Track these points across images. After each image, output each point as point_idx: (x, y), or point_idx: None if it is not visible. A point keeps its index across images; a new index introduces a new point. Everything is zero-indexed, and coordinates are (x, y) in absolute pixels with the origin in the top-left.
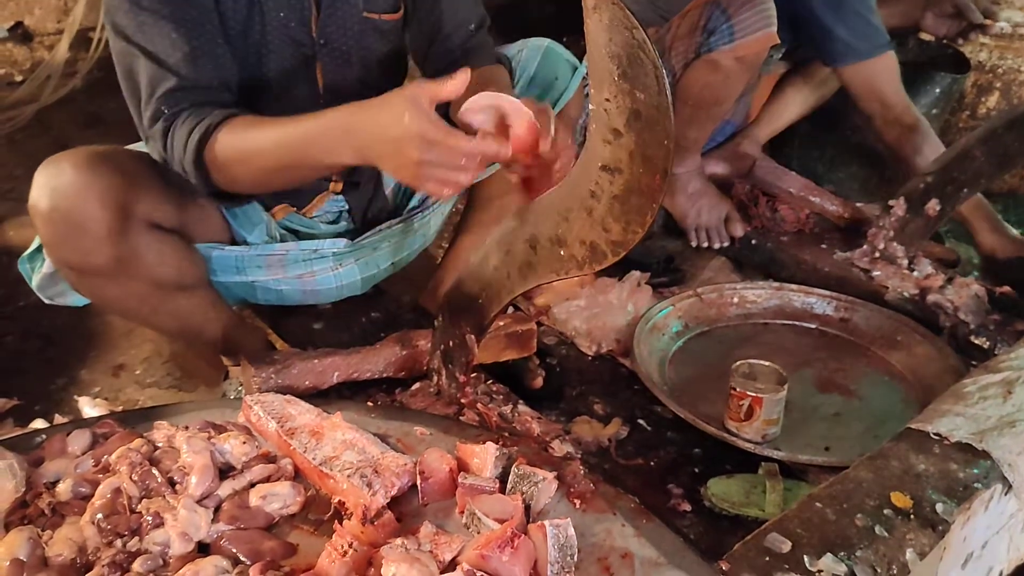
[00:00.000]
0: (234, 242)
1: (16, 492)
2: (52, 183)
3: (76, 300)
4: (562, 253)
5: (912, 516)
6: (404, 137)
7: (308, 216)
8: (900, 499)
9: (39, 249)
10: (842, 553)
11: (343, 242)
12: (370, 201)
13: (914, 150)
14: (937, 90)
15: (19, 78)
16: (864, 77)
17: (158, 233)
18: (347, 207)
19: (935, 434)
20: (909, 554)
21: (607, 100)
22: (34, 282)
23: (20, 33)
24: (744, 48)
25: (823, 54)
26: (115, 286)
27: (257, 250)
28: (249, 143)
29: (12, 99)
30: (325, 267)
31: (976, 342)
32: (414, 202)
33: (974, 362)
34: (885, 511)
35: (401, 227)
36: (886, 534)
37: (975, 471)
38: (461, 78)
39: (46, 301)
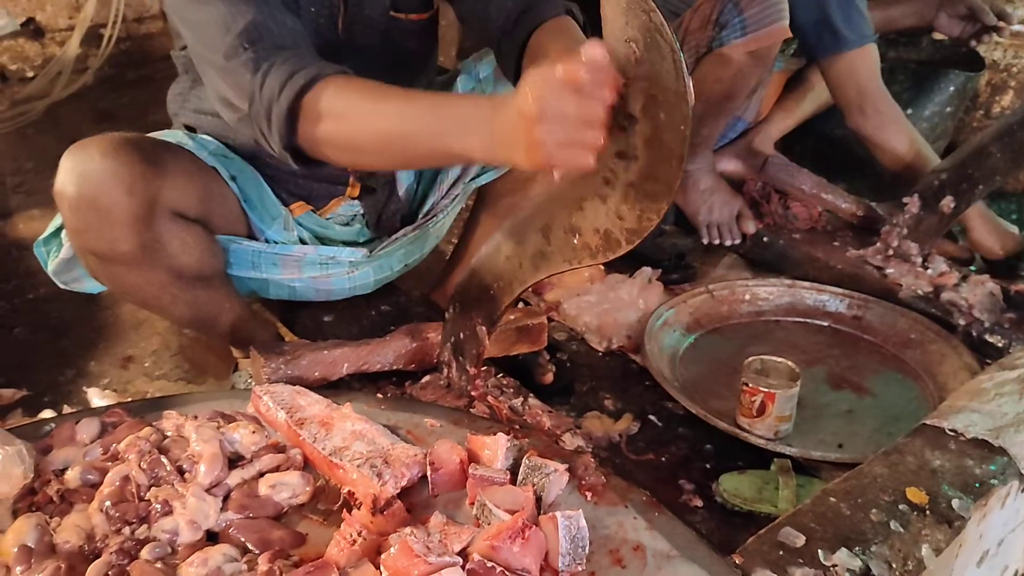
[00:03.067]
0: (252, 236)
1: (25, 479)
2: (79, 169)
3: (91, 287)
4: (576, 242)
5: (928, 512)
6: (526, 103)
7: (323, 217)
8: (916, 495)
9: (55, 233)
10: (857, 548)
11: (361, 252)
12: (384, 205)
13: (890, 140)
14: (951, 88)
15: (30, 73)
16: (846, 69)
17: (181, 222)
18: (361, 211)
19: (951, 430)
20: (925, 550)
21: (623, 85)
22: (50, 267)
23: (32, 29)
24: (756, 42)
25: (814, 47)
26: (136, 274)
27: (275, 248)
28: (361, 105)
29: (23, 94)
30: (340, 271)
31: (991, 340)
32: (428, 206)
33: (988, 360)
34: (900, 506)
35: (415, 234)
36: (901, 529)
37: (991, 467)
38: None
39: (61, 286)
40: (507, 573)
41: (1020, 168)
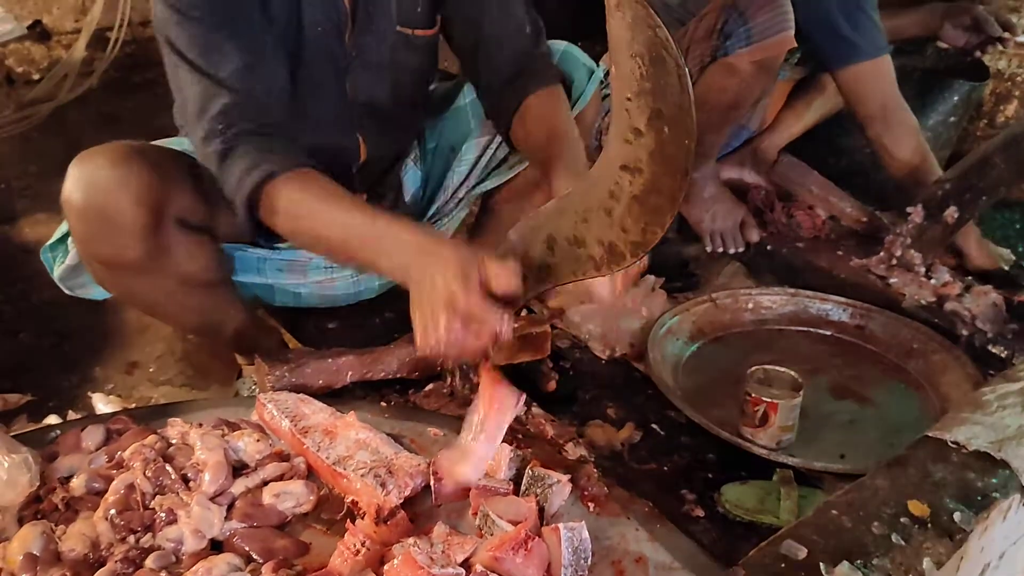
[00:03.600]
0: (257, 243)
1: (30, 486)
2: (87, 177)
3: (97, 293)
4: (580, 253)
5: (929, 524)
6: (443, 293)
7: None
8: (917, 507)
9: (61, 240)
10: (858, 561)
11: None
12: (391, 211)
13: (901, 147)
14: (955, 98)
15: (36, 76)
16: (861, 79)
17: (187, 231)
18: None
19: (953, 442)
20: (926, 563)
21: (628, 99)
22: (56, 273)
23: (38, 32)
24: (761, 51)
25: (827, 57)
26: (142, 281)
27: (280, 254)
28: (309, 212)
29: (29, 97)
30: (345, 275)
31: (994, 351)
32: (432, 210)
33: (991, 371)
34: (902, 519)
35: None
36: (903, 542)
37: (993, 480)
38: (512, 276)
39: (67, 292)
40: None
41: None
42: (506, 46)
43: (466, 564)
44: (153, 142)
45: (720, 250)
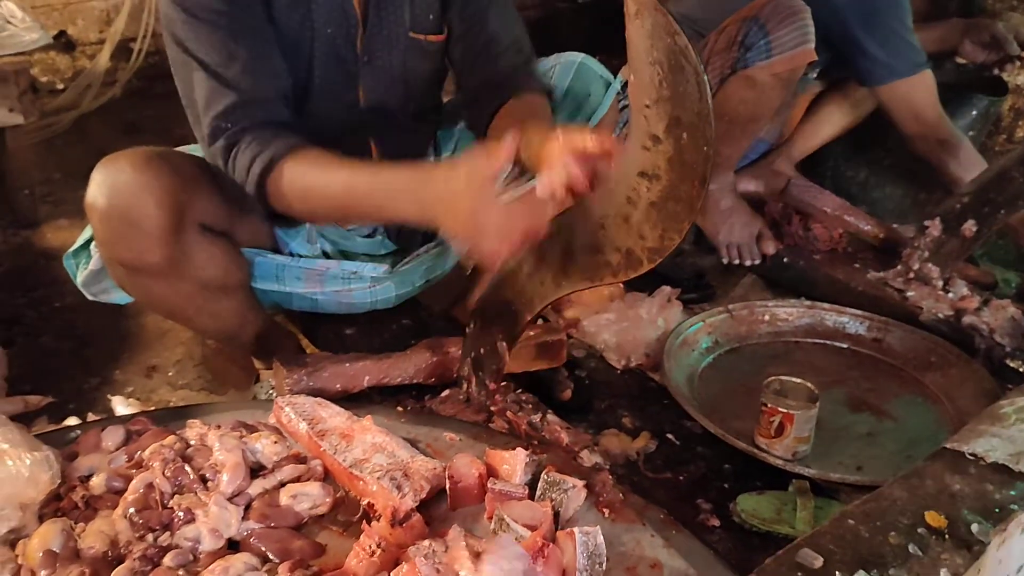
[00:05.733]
0: (276, 249)
1: (51, 484)
2: (110, 181)
3: (119, 298)
4: (597, 260)
5: (947, 536)
6: (465, 198)
7: (344, 228)
8: (935, 518)
9: (84, 246)
10: (875, 571)
11: (383, 268)
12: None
13: (957, 167)
14: (974, 112)
15: (61, 86)
16: (902, 95)
17: (209, 235)
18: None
19: (971, 454)
20: (943, 574)
21: (647, 106)
22: (78, 278)
23: (63, 42)
24: (781, 64)
25: (859, 74)
26: (163, 285)
27: (298, 262)
28: (313, 182)
29: (53, 106)
30: (362, 286)
31: (1012, 364)
32: None
33: (1009, 385)
34: (919, 530)
35: (438, 250)
36: (920, 553)
37: (1012, 492)
38: (510, 144)
39: (89, 297)
40: None
41: None
42: (500, 59)
43: None
44: (178, 149)
45: (736, 262)
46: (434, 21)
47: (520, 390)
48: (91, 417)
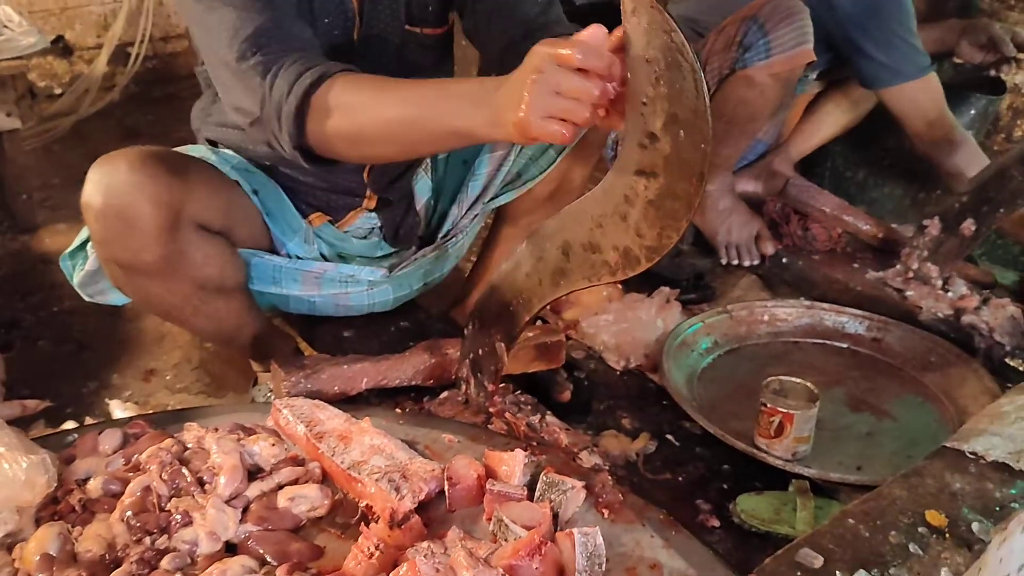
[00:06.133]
0: (273, 250)
1: (48, 487)
2: (106, 180)
3: (116, 299)
4: (595, 259)
5: (947, 535)
6: (529, 71)
7: (341, 230)
8: (935, 517)
9: (81, 247)
10: (875, 570)
11: (381, 272)
12: (402, 219)
13: (961, 163)
14: (972, 111)
15: (58, 91)
16: (909, 98)
17: (205, 235)
18: (379, 224)
19: (971, 453)
20: (944, 573)
21: (644, 104)
22: (75, 279)
23: (61, 47)
24: (780, 64)
25: (862, 76)
26: (159, 285)
27: (295, 264)
28: (368, 96)
29: (51, 111)
30: (360, 289)
31: (1011, 363)
32: (447, 227)
33: (1009, 384)
34: (920, 529)
35: (435, 254)
36: (920, 552)
37: (1012, 491)
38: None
39: (86, 298)
40: None
41: None
42: (517, 12)
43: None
44: (174, 149)
45: (735, 262)
46: (433, 13)
47: (519, 391)
48: (89, 421)
